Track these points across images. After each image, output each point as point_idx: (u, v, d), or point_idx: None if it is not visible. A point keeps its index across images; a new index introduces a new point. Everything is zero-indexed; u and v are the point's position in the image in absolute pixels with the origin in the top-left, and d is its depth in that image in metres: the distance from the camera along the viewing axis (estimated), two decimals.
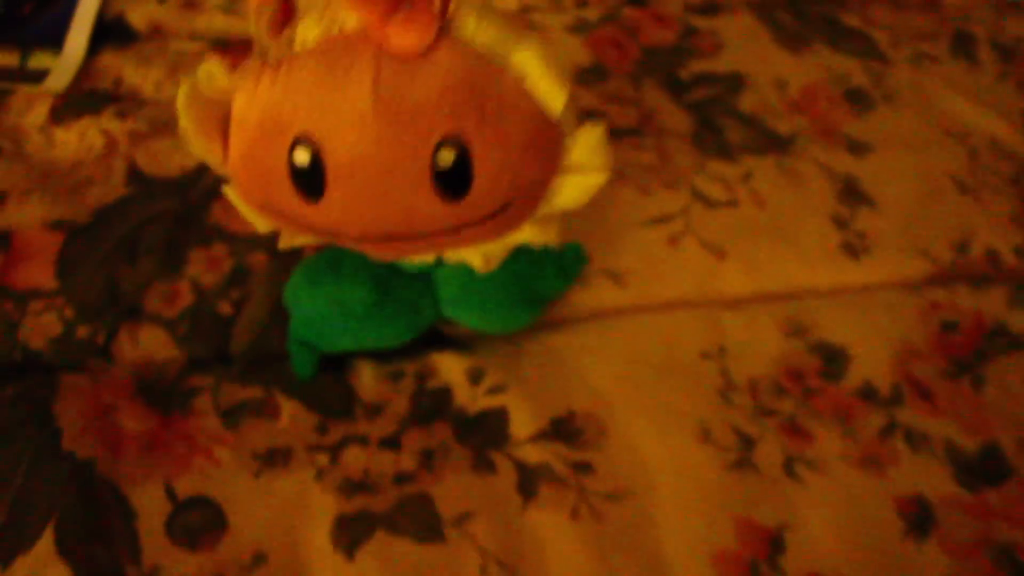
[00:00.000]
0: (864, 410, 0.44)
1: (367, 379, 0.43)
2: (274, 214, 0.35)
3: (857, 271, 0.49)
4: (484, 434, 0.42)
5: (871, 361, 0.46)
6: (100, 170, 0.50)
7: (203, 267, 0.46)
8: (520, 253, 0.40)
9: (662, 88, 0.56)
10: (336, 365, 0.43)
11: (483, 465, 0.41)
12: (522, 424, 0.42)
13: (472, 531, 0.39)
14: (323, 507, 0.39)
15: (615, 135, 0.52)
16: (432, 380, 0.43)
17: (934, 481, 0.42)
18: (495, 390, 0.43)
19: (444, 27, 0.31)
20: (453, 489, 0.40)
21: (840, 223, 0.51)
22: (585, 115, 0.36)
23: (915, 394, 0.45)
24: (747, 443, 0.42)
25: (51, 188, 0.49)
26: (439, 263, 0.40)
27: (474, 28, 0.31)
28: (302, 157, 0.32)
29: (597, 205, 0.37)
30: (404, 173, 0.32)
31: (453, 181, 0.32)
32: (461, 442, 0.42)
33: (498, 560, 0.38)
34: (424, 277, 0.41)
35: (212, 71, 0.33)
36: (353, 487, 0.40)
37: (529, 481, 0.40)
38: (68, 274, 0.46)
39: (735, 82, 0.56)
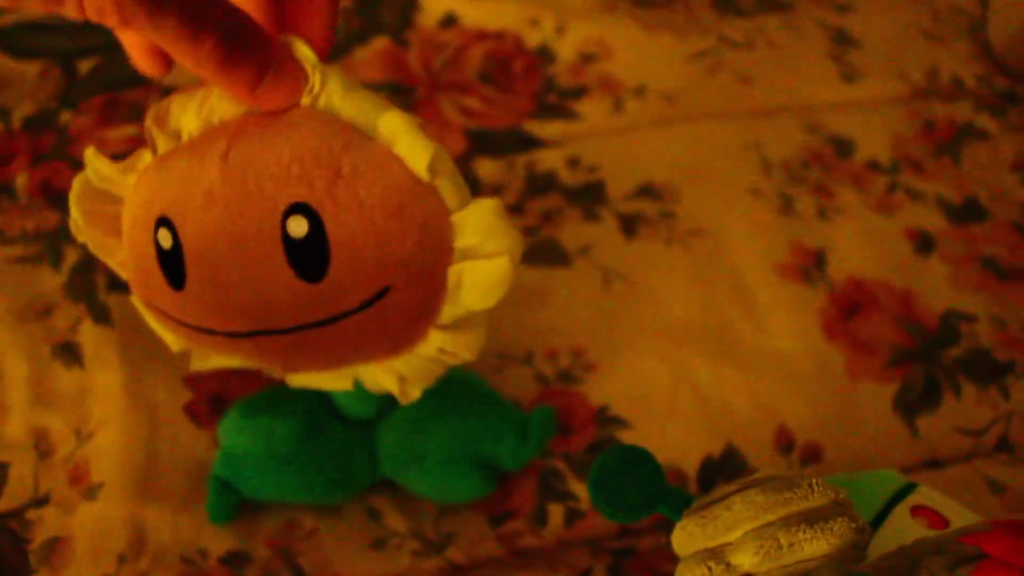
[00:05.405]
0: (872, 176, 0.57)
1: (483, 168, 0.55)
2: (162, 315, 0.33)
3: (852, 91, 0.62)
4: (589, 197, 0.54)
5: (873, 146, 0.58)
6: None
7: None
8: (475, 409, 0.38)
9: None
10: None
11: (591, 217, 0.53)
12: (617, 188, 0.54)
13: (592, 256, 0.51)
14: None
15: (648, 4, 0.66)
16: (537, 167, 0.55)
17: (931, 219, 0.55)
18: (591, 170, 0.55)
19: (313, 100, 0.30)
20: (571, 233, 0.52)
21: (835, 59, 0.64)
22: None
23: (909, 166, 0.58)
24: (787, 199, 0.55)
25: None
26: (383, 411, 0.39)
27: (340, 99, 0.29)
28: (164, 238, 0.31)
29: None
30: (255, 247, 0.29)
31: (309, 255, 0.29)
32: (571, 204, 0.53)
33: (617, 274, 0.50)
34: (367, 427, 0.39)
35: (92, 162, 0.32)
36: None
37: (629, 224, 0.52)
38: None
39: None
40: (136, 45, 0.33)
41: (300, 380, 0.36)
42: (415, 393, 0.34)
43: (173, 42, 0.26)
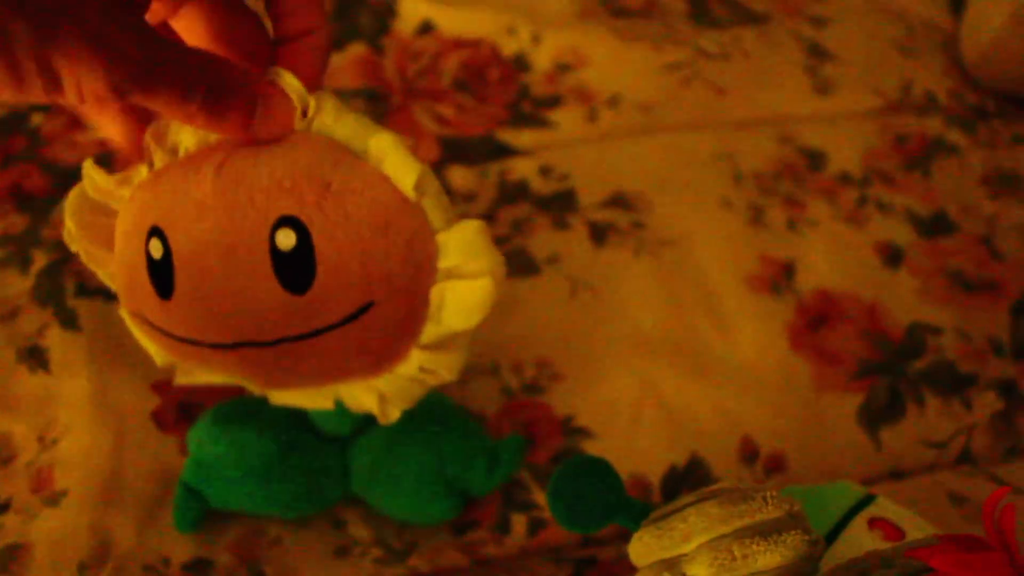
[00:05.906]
0: (843, 188, 0.57)
1: (456, 177, 0.55)
2: (148, 327, 0.34)
3: (826, 103, 0.63)
4: (559, 206, 0.54)
5: (844, 158, 0.59)
6: None
7: None
8: (446, 434, 0.39)
9: None
10: None
11: (561, 225, 0.53)
12: (588, 197, 0.54)
13: (560, 266, 0.51)
14: None
15: (624, 14, 0.66)
16: (510, 175, 0.55)
17: (900, 233, 0.55)
18: (563, 178, 0.55)
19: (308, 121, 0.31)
20: (540, 242, 0.52)
21: (810, 71, 0.64)
22: None
23: (880, 179, 0.58)
24: (758, 210, 0.55)
25: None
26: (359, 429, 0.40)
27: (333, 121, 0.31)
28: (156, 248, 0.31)
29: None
30: (243, 257, 0.30)
31: (296, 268, 0.30)
32: (541, 212, 0.54)
33: (585, 284, 0.50)
34: (340, 444, 0.40)
35: (90, 174, 0.34)
36: None
37: (599, 233, 0.53)
38: None
39: None
40: (113, 129, 0.34)
41: (281, 398, 0.37)
42: (395, 413, 0.35)
43: (164, 106, 0.28)
